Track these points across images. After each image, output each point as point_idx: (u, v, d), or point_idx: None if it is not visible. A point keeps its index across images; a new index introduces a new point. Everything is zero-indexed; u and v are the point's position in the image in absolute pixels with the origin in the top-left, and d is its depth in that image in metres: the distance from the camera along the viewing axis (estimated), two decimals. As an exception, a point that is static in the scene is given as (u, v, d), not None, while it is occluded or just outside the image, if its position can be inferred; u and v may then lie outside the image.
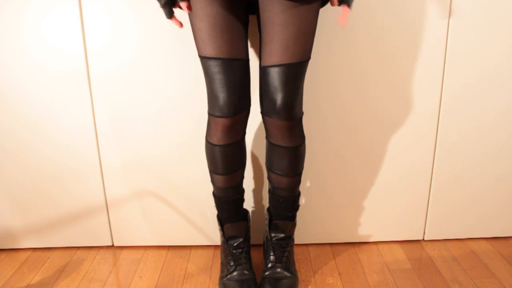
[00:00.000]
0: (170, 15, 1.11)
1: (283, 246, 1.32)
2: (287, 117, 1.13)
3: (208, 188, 1.42)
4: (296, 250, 1.52)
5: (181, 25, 1.15)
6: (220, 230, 1.35)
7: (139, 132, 1.44)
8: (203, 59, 1.13)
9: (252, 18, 1.25)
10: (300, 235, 1.55)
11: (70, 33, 1.33)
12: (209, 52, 1.10)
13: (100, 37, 1.34)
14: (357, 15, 1.32)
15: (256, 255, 1.48)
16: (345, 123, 1.44)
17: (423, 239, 1.59)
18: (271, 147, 1.23)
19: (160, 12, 1.29)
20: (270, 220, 1.34)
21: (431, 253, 1.51)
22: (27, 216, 1.53)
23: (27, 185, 1.50)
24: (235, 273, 1.29)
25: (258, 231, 1.53)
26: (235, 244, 1.32)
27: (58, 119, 1.42)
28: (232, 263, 1.31)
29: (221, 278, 1.32)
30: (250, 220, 1.40)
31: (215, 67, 1.11)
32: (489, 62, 1.39)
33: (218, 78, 1.12)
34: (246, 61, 1.15)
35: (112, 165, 1.47)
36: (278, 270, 1.30)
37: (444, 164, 1.49)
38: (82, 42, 1.34)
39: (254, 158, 1.46)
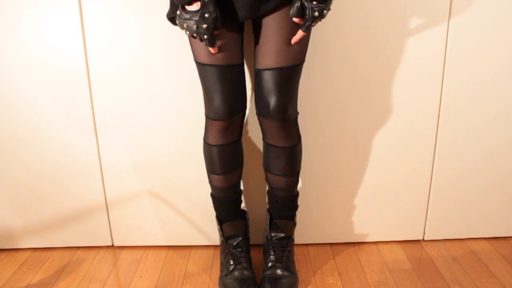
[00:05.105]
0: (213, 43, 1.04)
1: (283, 246, 1.32)
2: (281, 118, 1.14)
3: (208, 188, 1.42)
4: (296, 250, 1.52)
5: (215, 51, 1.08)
6: (219, 230, 1.35)
7: (139, 132, 1.44)
8: (199, 64, 1.13)
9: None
10: (300, 235, 1.55)
11: (70, 33, 1.33)
12: (205, 59, 1.11)
13: (100, 37, 1.34)
14: (356, 14, 1.32)
15: (256, 255, 1.47)
16: (346, 123, 1.44)
17: (423, 239, 1.59)
18: (267, 148, 1.24)
19: (160, 12, 1.30)
20: (271, 220, 1.34)
21: (431, 253, 1.51)
22: (27, 216, 1.53)
23: (27, 185, 1.50)
24: (235, 273, 1.29)
25: (258, 231, 1.53)
26: (234, 244, 1.32)
27: (58, 119, 1.42)
28: (231, 263, 1.31)
29: (221, 277, 1.32)
30: (248, 220, 1.40)
31: (210, 73, 1.12)
32: (489, 62, 1.39)
33: (213, 83, 1.12)
34: (241, 65, 1.15)
35: (112, 165, 1.47)
36: (278, 270, 1.30)
37: (444, 164, 1.49)
38: (82, 42, 1.34)
39: (254, 159, 1.46)
